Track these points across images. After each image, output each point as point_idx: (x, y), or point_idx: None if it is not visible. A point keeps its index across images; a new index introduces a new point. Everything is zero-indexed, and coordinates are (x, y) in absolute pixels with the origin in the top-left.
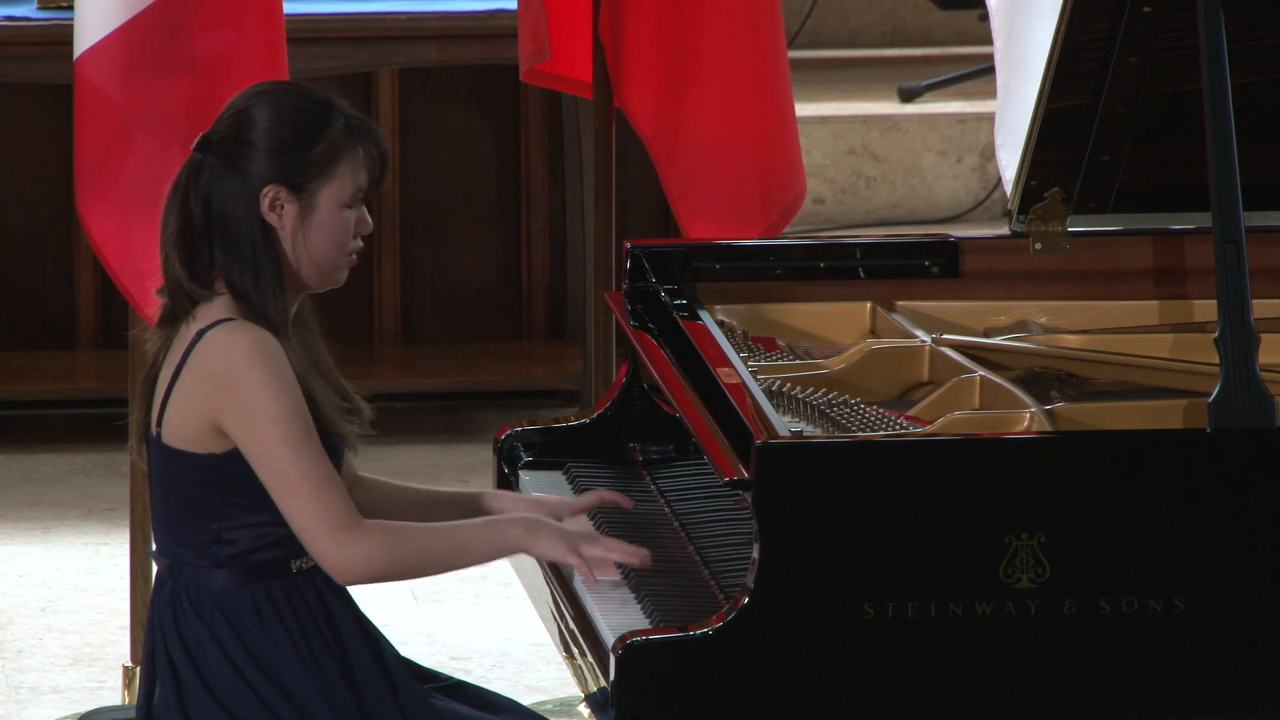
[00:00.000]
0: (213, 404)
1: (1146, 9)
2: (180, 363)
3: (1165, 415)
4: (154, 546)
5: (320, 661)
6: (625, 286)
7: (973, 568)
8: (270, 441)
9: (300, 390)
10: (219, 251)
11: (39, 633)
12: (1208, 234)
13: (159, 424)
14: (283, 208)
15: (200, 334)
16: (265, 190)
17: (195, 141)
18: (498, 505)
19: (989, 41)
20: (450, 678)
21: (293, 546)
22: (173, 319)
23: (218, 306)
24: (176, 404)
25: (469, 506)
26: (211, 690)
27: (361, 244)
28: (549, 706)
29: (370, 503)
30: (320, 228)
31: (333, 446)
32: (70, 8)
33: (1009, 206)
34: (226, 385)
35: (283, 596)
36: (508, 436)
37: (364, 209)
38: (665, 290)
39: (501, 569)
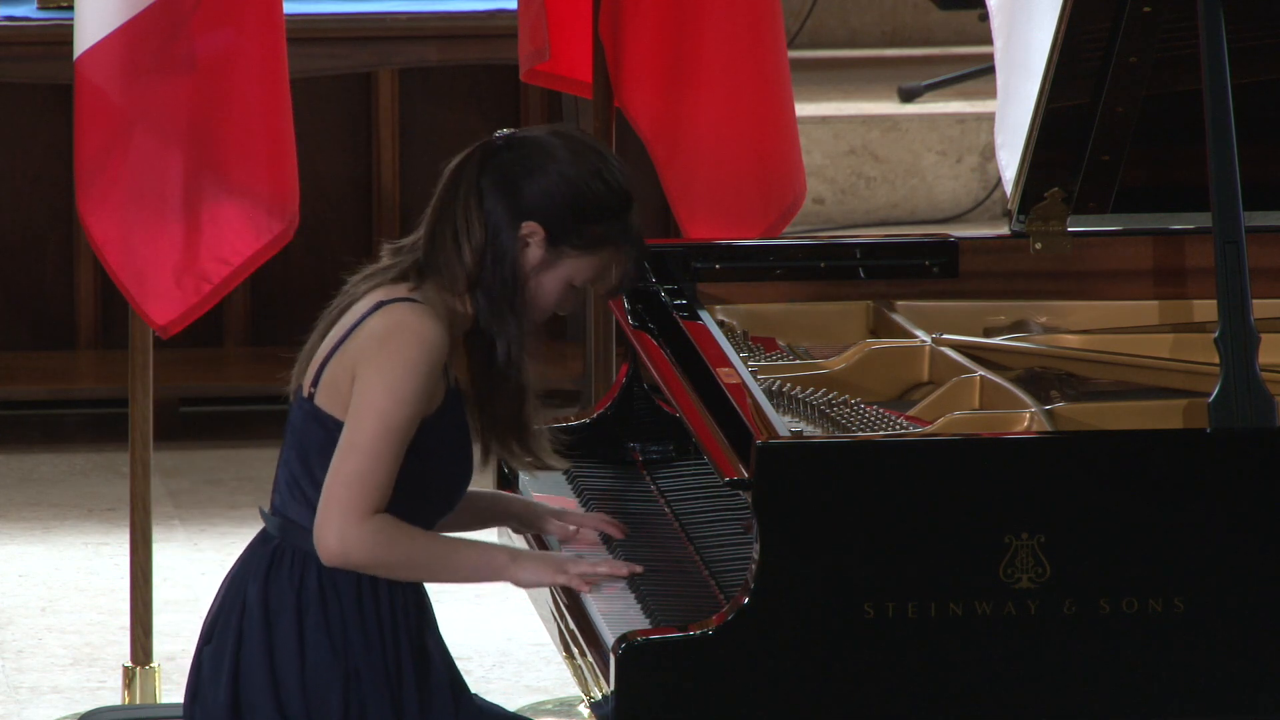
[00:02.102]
0: (359, 360)
1: (1146, 9)
2: (355, 325)
3: (1165, 415)
4: (267, 508)
5: (400, 648)
6: None
7: (973, 568)
8: (372, 409)
9: (430, 394)
10: (489, 244)
11: (39, 633)
12: (1208, 234)
13: (315, 384)
14: (529, 250)
15: (380, 303)
16: (528, 223)
17: (503, 130)
18: (488, 500)
19: (989, 41)
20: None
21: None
22: (381, 276)
23: (415, 288)
24: (337, 361)
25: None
26: (272, 648)
27: (549, 315)
28: (549, 706)
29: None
30: (549, 286)
31: (466, 463)
32: (70, 8)
33: (1009, 206)
34: (379, 348)
35: (385, 582)
36: None
37: (577, 294)
38: (665, 290)
39: None
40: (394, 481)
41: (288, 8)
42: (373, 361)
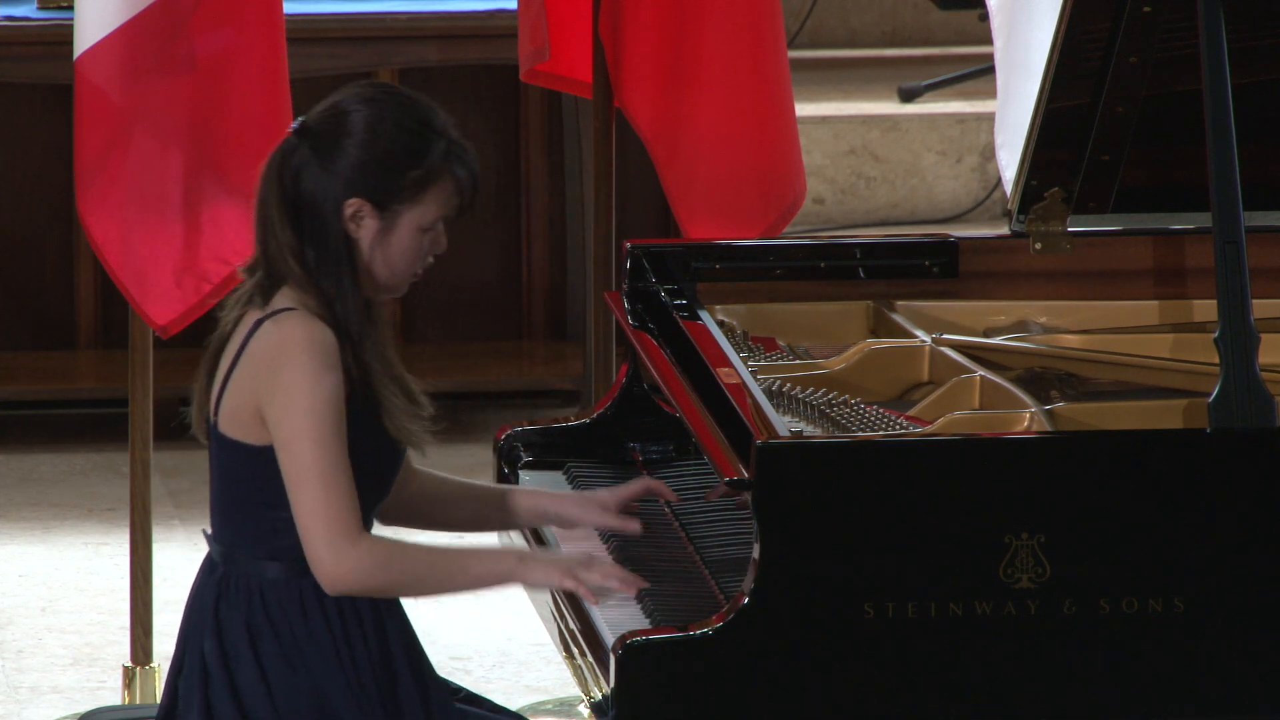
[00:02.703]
0: (258, 389)
1: (1146, 9)
2: (240, 349)
3: (1165, 415)
4: (208, 531)
5: (358, 664)
6: (625, 286)
7: (973, 568)
8: (297, 431)
9: (342, 392)
10: (306, 239)
11: (39, 633)
12: (1208, 234)
13: (216, 412)
14: (363, 221)
15: (259, 322)
16: (349, 202)
17: (295, 124)
18: (528, 501)
19: (989, 41)
20: (462, 688)
21: None
22: (250, 300)
23: (284, 297)
24: (232, 390)
25: (498, 503)
26: (236, 690)
27: (432, 261)
28: (549, 706)
29: (426, 494)
30: (398, 247)
31: (394, 449)
32: (70, 8)
33: (1009, 206)
34: (272, 370)
35: (334, 602)
36: (508, 436)
37: (439, 229)
38: (665, 290)
39: None
40: (354, 485)
41: (288, 8)
42: (275, 388)
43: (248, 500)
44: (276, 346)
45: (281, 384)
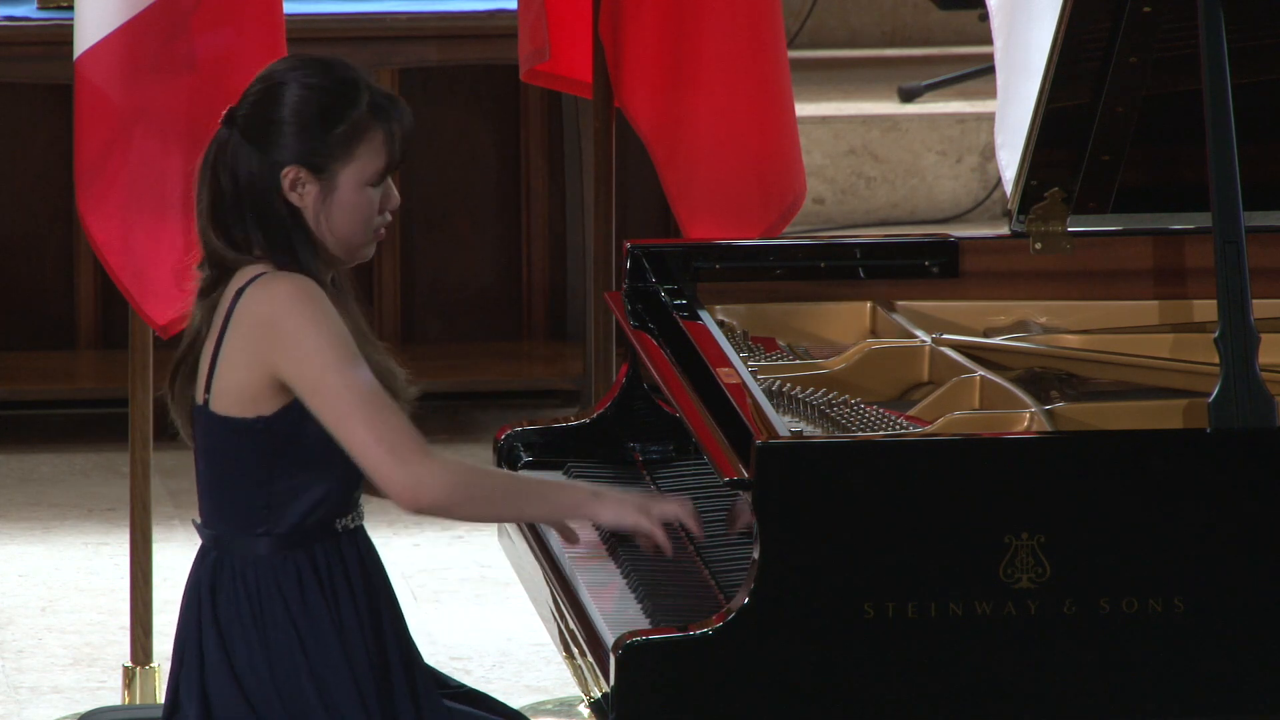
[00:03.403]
0: (264, 351)
1: (1146, 9)
2: (224, 324)
3: (1165, 415)
4: (198, 519)
5: (352, 644)
6: (625, 286)
7: (973, 568)
8: (323, 371)
9: (345, 326)
10: (253, 226)
11: (39, 633)
12: (1208, 234)
13: (207, 392)
14: (304, 187)
15: (240, 292)
16: (285, 171)
17: (223, 114)
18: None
19: (989, 41)
20: (461, 684)
21: (339, 504)
22: (213, 287)
23: (254, 268)
24: (226, 366)
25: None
26: (236, 675)
27: (389, 218)
28: (549, 706)
29: None
30: (342, 207)
31: None
32: (70, 8)
33: (1009, 206)
34: (274, 329)
35: (324, 561)
36: (508, 436)
37: (389, 184)
38: (665, 290)
39: (501, 569)
40: (393, 401)
41: (288, 8)
42: (282, 344)
43: (238, 479)
44: (267, 305)
45: (287, 337)
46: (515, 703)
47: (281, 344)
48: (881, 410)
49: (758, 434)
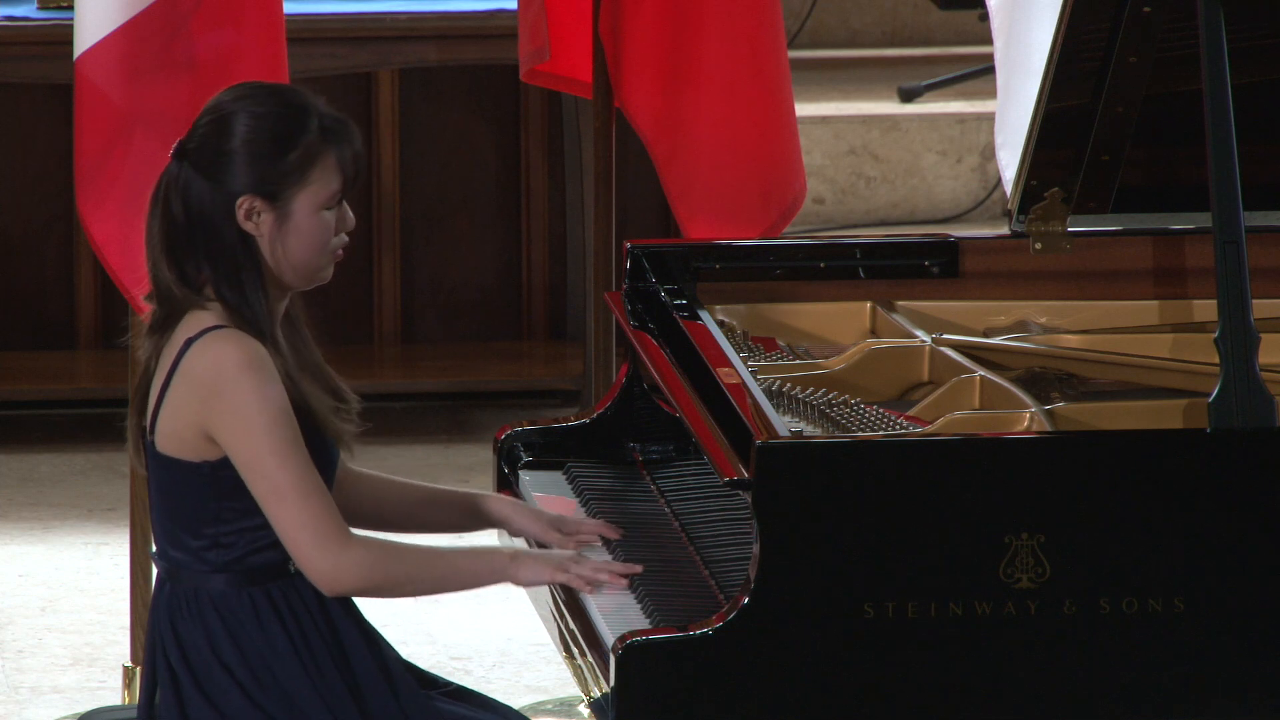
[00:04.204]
0: (203, 413)
1: (1146, 9)
2: (170, 370)
3: (1165, 415)
4: (154, 549)
5: (320, 663)
6: (625, 286)
7: (973, 568)
8: (259, 451)
9: (288, 399)
10: (203, 258)
11: (39, 633)
12: (1208, 234)
13: (152, 431)
14: (259, 216)
15: (189, 342)
16: (240, 201)
17: (173, 148)
18: (497, 509)
19: (989, 41)
20: (451, 683)
21: None
22: (163, 326)
23: (207, 314)
24: (168, 412)
25: (467, 508)
26: (208, 696)
27: (346, 239)
28: (549, 706)
29: (362, 498)
30: (298, 234)
31: (328, 449)
32: (70, 8)
33: (1009, 206)
34: (216, 395)
35: (281, 598)
36: (508, 436)
37: (344, 206)
38: (665, 290)
39: None
40: (327, 489)
41: (288, 8)
42: (222, 412)
43: (190, 516)
44: (213, 369)
45: (228, 407)
46: (515, 703)
47: (221, 413)
48: (881, 410)
49: (758, 434)
